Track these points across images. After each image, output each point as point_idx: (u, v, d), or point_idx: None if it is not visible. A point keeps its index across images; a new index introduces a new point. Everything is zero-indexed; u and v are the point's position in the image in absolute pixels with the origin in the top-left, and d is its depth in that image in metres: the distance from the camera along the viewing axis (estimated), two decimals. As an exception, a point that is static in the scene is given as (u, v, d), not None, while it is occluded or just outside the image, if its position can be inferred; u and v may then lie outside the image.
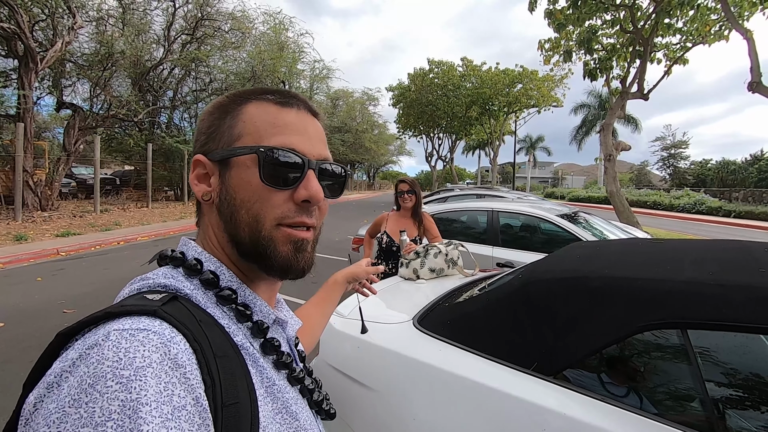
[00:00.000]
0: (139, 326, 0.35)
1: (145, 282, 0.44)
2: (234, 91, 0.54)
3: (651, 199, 24.11)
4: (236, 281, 0.49)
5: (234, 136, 0.49)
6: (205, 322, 0.41)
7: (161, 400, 0.32)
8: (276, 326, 0.55)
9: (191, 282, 0.46)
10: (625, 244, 1.56)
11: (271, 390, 0.46)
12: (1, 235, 7.91)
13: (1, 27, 9.52)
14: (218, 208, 0.49)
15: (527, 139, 48.11)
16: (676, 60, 10.29)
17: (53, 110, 15.09)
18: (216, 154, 0.49)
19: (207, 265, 0.48)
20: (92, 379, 0.31)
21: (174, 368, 0.34)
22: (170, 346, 0.35)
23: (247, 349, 0.45)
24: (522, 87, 25.51)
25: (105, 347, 0.33)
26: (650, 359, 1.18)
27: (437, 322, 1.51)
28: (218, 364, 0.39)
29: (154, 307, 0.38)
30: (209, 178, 0.50)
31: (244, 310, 0.47)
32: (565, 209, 4.54)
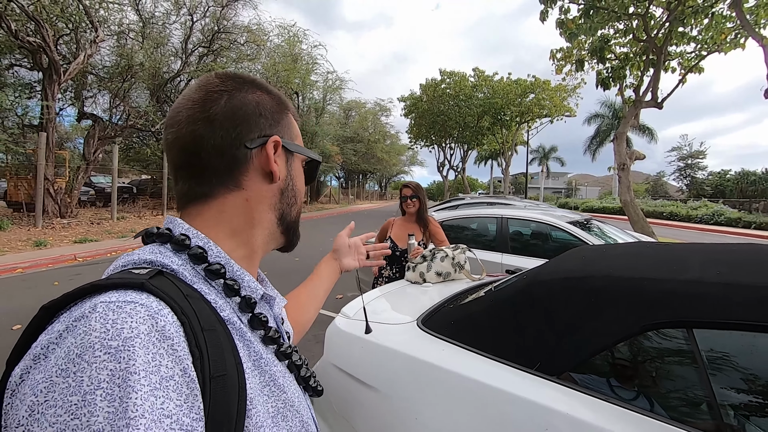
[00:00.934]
0: (126, 299, 0.36)
1: (131, 258, 0.45)
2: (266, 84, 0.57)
3: (667, 209, 23.62)
4: (224, 256, 0.49)
5: (293, 135, 0.59)
6: (192, 296, 0.42)
7: (149, 369, 0.32)
8: (263, 302, 0.55)
9: (179, 257, 0.46)
10: (632, 246, 1.54)
11: (258, 363, 0.47)
12: (22, 241, 8.13)
13: (28, 41, 9.90)
14: (282, 190, 0.56)
15: (540, 150, 47.79)
16: (690, 68, 10.18)
17: (75, 121, 15.56)
18: (290, 144, 0.57)
19: (194, 240, 0.48)
20: (80, 350, 0.32)
21: (162, 339, 0.35)
22: (158, 318, 0.35)
23: (234, 323, 0.46)
24: (534, 97, 25.43)
25: (92, 319, 0.33)
26: (656, 360, 1.15)
27: (441, 323, 1.51)
28: (206, 336, 0.39)
29: (141, 280, 0.38)
30: (274, 159, 0.53)
31: (233, 285, 0.48)
32: (576, 216, 4.50)
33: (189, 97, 0.51)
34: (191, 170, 0.51)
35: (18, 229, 9.28)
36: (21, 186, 11.22)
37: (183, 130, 0.50)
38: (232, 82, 0.53)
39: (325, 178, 33.94)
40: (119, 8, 13.19)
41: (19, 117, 11.79)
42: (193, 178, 0.51)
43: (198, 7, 15.47)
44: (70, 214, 11.41)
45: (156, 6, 15.02)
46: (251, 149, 0.51)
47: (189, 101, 0.51)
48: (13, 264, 6.40)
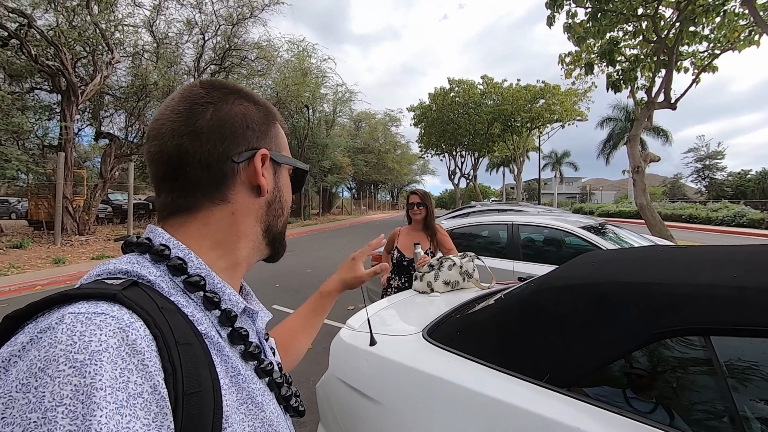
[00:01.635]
0: (96, 310, 0.34)
1: (105, 267, 0.43)
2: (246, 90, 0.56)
3: (686, 212, 23.05)
4: (204, 268, 0.47)
5: (281, 144, 0.57)
6: (167, 308, 0.40)
7: (116, 386, 0.31)
8: (245, 317, 0.54)
9: (157, 268, 0.45)
10: (644, 249, 1.48)
11: (236, 380, 0.45)
12: (41, 259, 8.32)
13: (47, 65, 10.25)
14: (269, 203, 0.55)
15: (552, 155, 47.28)
16: (704, 68, 9.98)
17: (92, 140, 16.00)
18: (278, 156, 0.55)
19: (174, 251, 0.46)
20: (43, 363, 0.30)
21: (132, 354, 0.33)
22: (129, 332, 0.34)
23: (211, 337, 0.44)
24: (544, 102, 25.28)
25: (58, 330, 0.32)
26: (672, 369, 1.09)
27: (447, 334, 1.46)
28: (180, 351, 0.37)
29: (113, 291, 0.37)
30: (261, 172, 0.52)
31: (213, 297, 0.46)
32: (590, 221, 4.40)
33: (173, 109, 0.49)
34: (175, 183, 0.49)
35: (38, 247, 9.50)
36: (41, 205, 11.53)
37: (167, 143, 0.48)
38: (218, 93, 0.51)
39: (337, 189, 34.12)
40: (134, 30, 13.62)
41: (39, 138, 12.17)
42: (176, 191, 0.50)
43: (209, 26, 15.86)
44: (88, 231, 11.65)
45: (169, 27, 15.45)
46: (238, 163, 0.50)
47: (173, 113, 0.49)
48: (32, 281, 6.54)
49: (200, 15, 15.54)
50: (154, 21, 14.56)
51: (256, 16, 16.07)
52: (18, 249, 9.11)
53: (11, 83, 11.96)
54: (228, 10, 15.69)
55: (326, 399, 1.62)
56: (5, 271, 7.17)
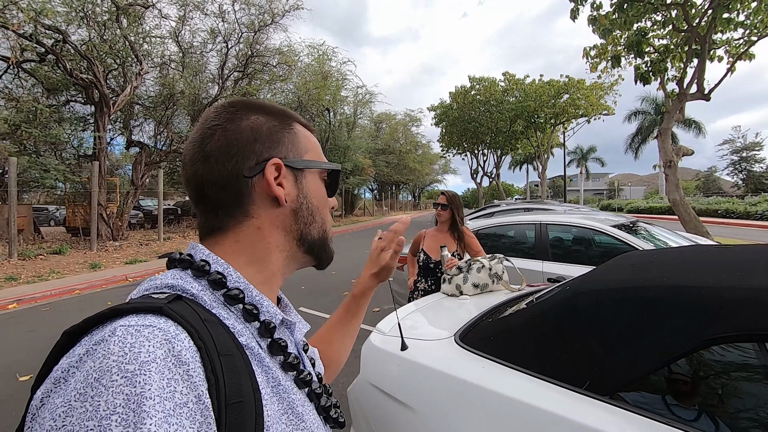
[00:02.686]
0: (144, 323, 0.36)
1: (153, 283, 0.45)
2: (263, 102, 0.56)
3: (722, 206, 22.07)
4: (243, 282, 0.49)
5: (302, 150, 0.56)
6: (210, 321, 0.41)
7: (164, 395, 0.32)
8: (283, 328, 0.54)
9: (199, 283, 0.46)
10: (686, 251, 1.42)
11: (276, 390, 0.45)
12: (79, 264, 8.68)
13: (81, 78, 10.71)
14: (294, 211, 0.54)
15: (578, 151, 46.10)
16: (739, 56, 9.52)
17: (123, 149, 16.62)
18: (297, 162, 0.54)
19: (214, 266, 0.48)
20: (98, 374, 0.32)
21: (177, 365, 0.34)
22: (174, 343, 0.35)
23: (252, 348, 0.45)
24: (569, 97, 24.66)
25: (111, 342, 0.34)
26: (721, 376, 1.04)
27: (480, 339, 1.44)
28: (222, 362, 0.38)
29: (159, 304, 0.39)
30: (278, 182, 0.52)
31: (252, 310, 0.47)
32: (621, 219, 4.26)
33: (191, 137, 0.53)
34: (204, 205, 0.52)
35: (76, 253, 9.93)
36: (78, 212, 12.06)
37: (188, 170, 0.52)
38: (226, 113, 0.52)
39: (358, 191, 34.27)
40: (161, 41, 14.06)
41: (75, 148, 12.72)
42: (206, 213, 0.53)
43: (232, 35, 16.21)
44: (121, 237, 12.09)
45: (194, 36, 15.88)
46: (251, 177, 0.51)
47: (191, 141, 0.53)
48: (71, 286, 6.84)
49: (223, 24, 15.91)
50: (180, 31, 15.00)
51: (276, 22, 16.32)
52: (57, 255, 9.54)
53: (48, 97, 12.54)
54: (250, 17, 16.00)
55: (358, 403, 1.63)
56: (46, 276, 7.51)
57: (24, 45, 9.92)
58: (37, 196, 19.36)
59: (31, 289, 6.52)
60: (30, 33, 9.46)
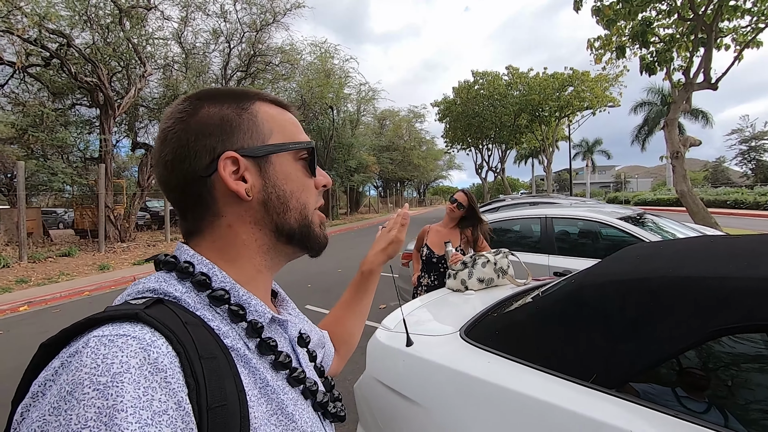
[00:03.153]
0: (118, 332, 0.35)
1: (136, 288, 0.45)
2: (219, 88, 0.54)
3: (731, 197, 21.83)
4: (229, 281, 0.48)
5: (265, 133, 0.51)
6: (192, 323, 0.41)
7: (140, 405, 0.31)
8: (275, 326, 0.53)
9: (183, 285, 0.46)
10: (692, 241, 1.40)
11: (264, 391, 0.45)
12: (88, 266, 8.78)
13: (86, 81, 10.79)
14: (263, 203, 0.50)
15: (583, 144, 45.75)
16: (747, 44, 9.38)
17: (129, 150, 16.71)
18: (256, 150, 0.50)
19: (199, 267, 0.47)
20: (71, 386, 0.31)
21: (154, 372, 0.34)
22: (150, 351, 0.35)
23: (238, 350, 0.44)
24: (573, 90, 24.45)
25: (84, 354, 0.33)
26: (730, 367, 1.03)
27: (485, 333, 1.44)
28: (203, 365, 0.38)
29: (135, 310, 0.38)
30: (240, 175, 0.49)
31: (238, 310, 0.46)
32: (628, 211, 4.23)
33: (155, 141, 0.52)
34: (176, 209, 0.52)
35: (84, 255, 10.04)
36: (86, 214, 12.19)
37: (156, 175, 0.52)
38: (179, 112, 0.50)
39: (363, 188, 34.27)
40: (164, 43, 14.13)
41: (81, 151, 12.82)
42: (181, 217, 0.52)
43: (234, 34, 16.25)
44: (129, 238, 12.19)
45: (196, 37, 15.94)
46: (208, 177, 0.48)
47: (154, 147, 0.53)
48: (81, 287, 6.91)
49: (225, 24, 15.95)
50: (182, 33, 15.05)
51: (278, 21, 16.34)
52: (67, 257, 9.65)
53: (54, 100, 12.65)
54: (252, 17, 16.03)
55: (364, 400, 1.63)
56: (56, 278, 7.61)
57: (29, 50, 10.00)
58: (46, 199, 19.58)
59: (41, 291, 6.61)
60: (35, 38, 9.55)
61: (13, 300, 6.05)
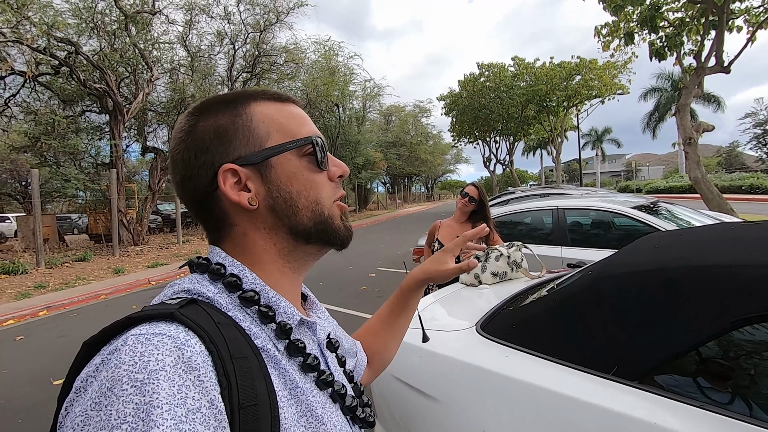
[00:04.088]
0: (154, 331, 0.36)
1: (171, 289, 0.46)
2: (213, 97, 0.53)
3: (747, 182, 21.42)
4: (259, 283, 0.49)
5: (262, 136, 0.50)
6: (224, 323, 0.42)
7: (174, 402, 0.32)
8: (303, 328, 0.53)
9: (215, 286, 0.47)
10: (711, 229, 1.37)
11: (294, 392, 0.45)
12: (103, 270, 8.93)
13: (95, 88, 10.93)
14: (271, 208, 0.50)
15: (592, 133, 45.13)
16: (760, 25, 9.14)
17: (139, 155, 16.92)
18: (254, 157, 0.49)
19: (230, 269, 0.48)
20: (110, 383, 0.33)
21: (187, 371, 0.34)
22: (184, 350, 0.35)
23: (268, 351, 0.45)
24: (581, 78, 24.09)
25: (122, 352, 0.34)
26: (753, 356, 1.01)
27: (502, 327, 1.43)
28: (235, 365, 0.38)
29: (170, 310, 0.39)
30: (243, 184, 0.49)
31: (267, 311, 0.47)
32: (641, 200, 4.17)
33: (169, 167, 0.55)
34: (199, 222, 0.54)
35: (99, 259, 10.21)
36: (99, 219, 12.39)
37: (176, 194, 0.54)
38: (182, 129, 0.51)
39: (371, 185, 34.28)
40: (170, 47, 14.25)
41: (92, 157, 13.03)
42: (204, 228, 0.54)
43: (239, 36, 16.32)
44: (142, 242, 12.37)
45: (201, 40, 16.06)
46: (214, 191, 0.49)
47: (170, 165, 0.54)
48: (97, 291, 7.04)
49: (229, 25, 16.02)
50: (187, 36, 15.18)
51: (282, 20, 16.36)
52: (82, 262, 9.82)
53: (64, 108, 12.85)
54: (255, 17, 16.07)
55: (382, 396, 1.63)
56: (73, 282, 7.75)
57: (39, 59, 10.17)
58: (60, 205, 19.92)
59: (59, 296, 6.74)
60: (44, 47, 9.69)
61: (32, 305, 6.18)
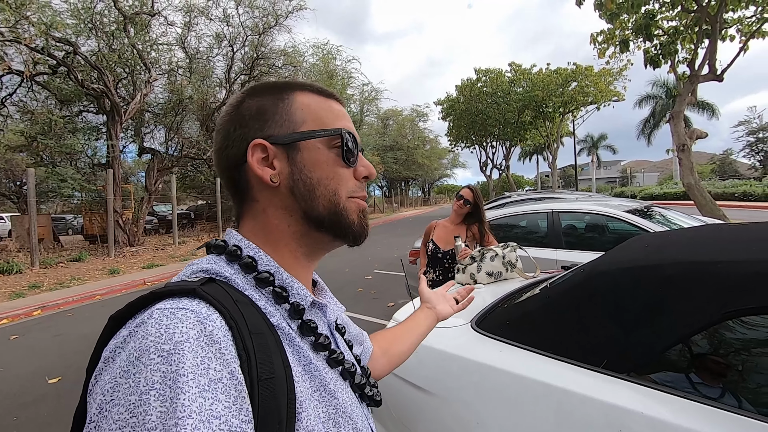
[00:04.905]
0: (178, 305, 0.38)
1: (191, 268, 0.48)
2: (264, 82, 0.56)
3: (740, 189, 21.61)
4: (273, 265, 0.51)
5: (297, 121, 0.53)
6: (242, 302, 0.43)
7: (198, 372, 0.34)
8: (315, 309, 0.55)
9: (231, 267, 0.49)
10: (701, 229, 1.41)
11: (308, 368, 0.47)
12: (98, 270, 8.88)
13: (92, 88, 10.92)
14: (290, 189, 0.52)
15: (588, 139, 45.46)
16: (752, 34, 9.30)
17: (136, 156, 16.87)
18: (284, 138, 0.52)
19: (246, 251, 0.50)
20: (138, 353, 0.35)
21: (210, 344, 0.36)
22: (206, 323, 0.37)
23: (283, 329, 0.47)
24: (577, 85, 24.31)
25: (149, 324, 0.36)
26: (741, 351, 1.04)
27: (496, 323, 1.46)
28: (253, 340, 0.40)
29: (192, 286, 0.41)
30: (270, 161, 0.52)
31: (281, 292, 0.49)
32: (635, 204, 4.22)
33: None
34: (228, 193, 0.57)
35: (94, 259, 10.15)
36: (95, 220, 12.32)
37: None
38: (227, 107, 0.55)
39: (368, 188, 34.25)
40: (168, 48, 14.24)
41: (89, 158, 12.97)
42: (232, 201, 0.57)
43: (237, 38, 16.33)
44: (138, 242, 12.32)
45: (200, 42, 16.04)
46: (243, 164, 0.52)
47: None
48: (92, 291, 7.00)
49: (228, 28, 16.02)
50: (186, 38, 15.16)
51: (280, 23, 16.38)
52: (77, 262, 9.77)
53: (62, 108, 12.80)
54: (254, 20, 16.09)
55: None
56: (68, 282, 7.70)
57: (36, 58, 10.14)
58: (55, 205, 19.80)
59: (54, 296, 6.70)
60: (42, 46, 9.67)
61: (27, 305, 6.14)
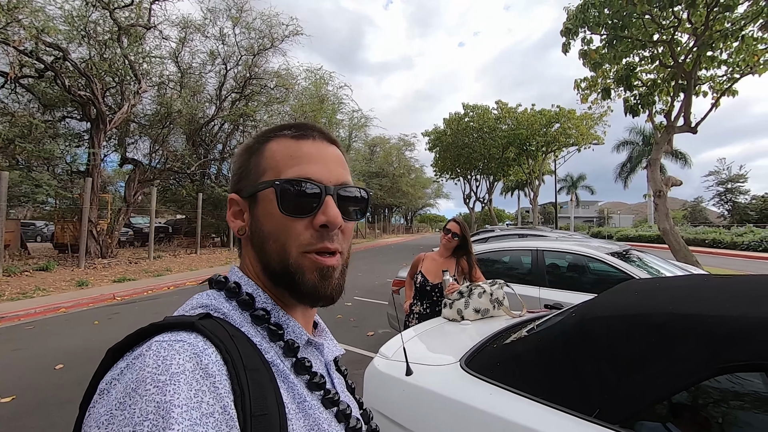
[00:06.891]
0: (176, 338, 0.39)
1: (191, 303, 0.49)
2: (260, 133, 0.57)
3: (710, 236, 22.42)
4: (270, 303, 0.52)
5: (259, 172, 0.53)
6: (238, 337, 0.44)
7: (191, 405, 0.34)
8: (311, 348, 0.55)
9: (230, 303, 0.49)
10: (689, 279, 1.44)
11: (302, 406, 0.47)
12: (66, 281, 8.48)
13: (79, 95, 10.76)
14: (251, 241, 0.54)
15: (568, 178, 46.93)
16: (723, 92, 9.90)
17: (117, 165, 16.53)
18: (247, 190, 0.54)
19: (245, 288, 0.51)
20: (135, 384, 0.34)
21: (204, 377, 0.36)
22: (202, 357, 0.38)
23: (277, 366, 0.47)
24: (560, 126, 25.27)
25: (147, 356, 0.36)
26: (729, 407, 1.05)
27: (486, 364, 1.43)
28: (248, 376, 0.40)
29: (191, 320, 0.42)
30: (243, 214, 0.54)
31: (276, 330, 0.49)
32: (615, 247, 4.32)
33: None
34: None
35: (63, 270, 9.71)
36: (67, 228, 11.86)
37: None
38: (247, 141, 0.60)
39: (352, 213, 34.20)
40: (161, 61, 14.24)
41: (68, 164, 12.64)
42: None
43: (231, 57, 16.49)
44: (110, 254, 11.88)
45: (193, 57, 16.14)
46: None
47: None
48: (57, 303, 6.65)
49: (223, 46, 16.21)
50: (180, 53, 15.24)
51: (276, 46, 16.66)
52: (44, 271, 9.32)
53: (44, 112, 12.54)
54: (250, 41, 16.32)
55: None
56: (31, 293, 7.32)
57: (23, 61, 9.98)
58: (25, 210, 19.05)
59: (14, 307, 6.33)
60: (30, 50, 9.54)
61: (-17, 315, 5.78)
